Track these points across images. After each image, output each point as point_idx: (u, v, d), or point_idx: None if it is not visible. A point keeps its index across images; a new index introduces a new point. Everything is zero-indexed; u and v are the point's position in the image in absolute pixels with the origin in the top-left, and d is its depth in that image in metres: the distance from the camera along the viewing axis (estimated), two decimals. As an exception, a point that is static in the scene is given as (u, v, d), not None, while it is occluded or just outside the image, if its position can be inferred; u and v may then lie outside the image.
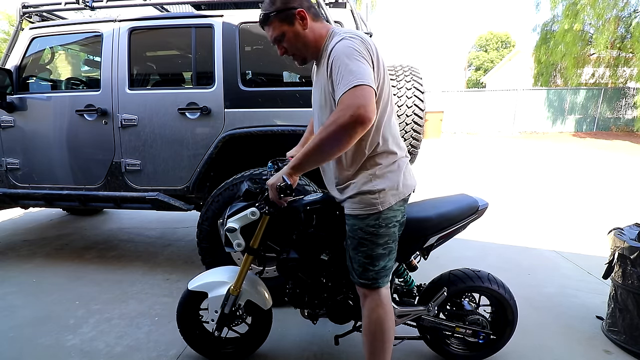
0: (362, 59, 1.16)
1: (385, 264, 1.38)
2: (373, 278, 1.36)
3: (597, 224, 3.92)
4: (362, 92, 1.10)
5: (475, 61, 43.14)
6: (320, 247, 1.51)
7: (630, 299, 1.84)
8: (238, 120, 2.45)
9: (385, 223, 1.34)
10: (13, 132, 2.71)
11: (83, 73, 4.11)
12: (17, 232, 3.66)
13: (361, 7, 17.38)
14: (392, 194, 1.33)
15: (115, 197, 2.64)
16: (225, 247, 1.53)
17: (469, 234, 3.61)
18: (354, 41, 1.19)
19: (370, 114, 1.10)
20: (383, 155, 1.32)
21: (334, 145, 1.16)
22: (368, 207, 1.32)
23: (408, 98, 2.66)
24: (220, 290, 1.59)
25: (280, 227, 1.52)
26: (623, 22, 13.32)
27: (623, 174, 6.97)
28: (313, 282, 1.56)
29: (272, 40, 1.33)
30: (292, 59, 1.37)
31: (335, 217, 1.48)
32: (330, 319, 1.63)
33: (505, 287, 1.67)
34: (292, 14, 1.26)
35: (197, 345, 1.76)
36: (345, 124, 1.10)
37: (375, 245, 1.35)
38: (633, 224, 2.03)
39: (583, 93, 14.43)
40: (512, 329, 1.70)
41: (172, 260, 2.99)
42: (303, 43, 1.30)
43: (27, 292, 2.46)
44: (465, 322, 1.65)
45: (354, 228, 1.36)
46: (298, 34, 1.28)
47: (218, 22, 2.44)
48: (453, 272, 1.68)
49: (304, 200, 1.52)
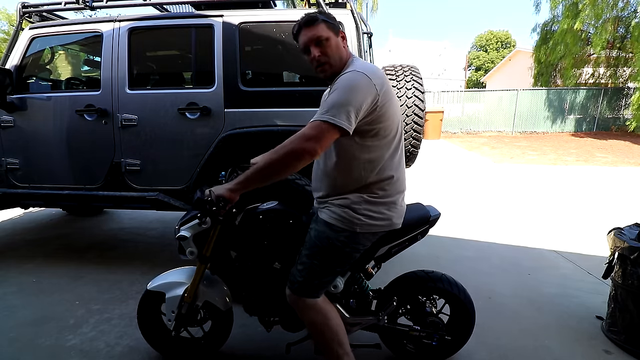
0: (354, 95, 1.21)
1: (332, 279, 1.41)
2: (315, 288, 1.38)
3: (597, 224, 3.92)
4: (323, 130, 1.20)
5: (476, 61, 43.17)
6: (272, 255, 1.53)
7: (630, 299, 1.84)
8: (238, 120, 2.45)
9: (353, 245, 1.37)
10: (13, 132, 2.71)
11: (83, 73, 4.12)
12: (17, 232, 3.66)
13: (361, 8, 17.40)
14: (375, 224, 1.36)
15: (115, 197, 2.64)
16: (179, 254, 1.53)
17: (469, 234, 3.62)
18: (359, 77, 1.24)
19: (317, 148, 1.20)
20: (383, 188, 1.35)
21: (281, 168, 1.23)
22: (346, 222, 1.34)
23: (408, 98, 2.66)
24: (177, 291, 1.59)
25: (235, 235, 1.53)
26: (623, 22, 13.31)
27: (623, 174, 6.97)
28: (266, 290, 1.56)
29: (314, 39, 1.32)
30: (319, 69, 1.37)
31: (289, 226, 1.50)
32: (282, 327, 1.63)
33: (460, 287, 1.65)
34: (338, 27, 1.37)
35: (158, 344, 1.76)
36: (295, 152, 1.21)
37: (334, 260, 1.37)
38: (633, 224, 2.03)
39: (583, 93, 14.40)
40: (469, 330, 1.68)
41: (172, 260, 2.97)
42: (339, 56, 1.35)
43: (27, 292, 2.46)
44: (422, 324, 1.64)
45: (322, 235, 1.37)
46: (339, 45, 1.35)
47: (218, 22, 2.44)
48: (406, 276, 1.67)
49: (258, 208, 1.53)
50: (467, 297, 1.66)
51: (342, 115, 1.19)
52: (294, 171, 1.24)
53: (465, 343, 1.71)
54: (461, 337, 1.70)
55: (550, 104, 14.54)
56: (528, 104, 14.50)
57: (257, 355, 1.84)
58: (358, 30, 2.39)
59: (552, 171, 7.27)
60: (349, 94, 1.21)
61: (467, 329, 1.68)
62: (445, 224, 3.87)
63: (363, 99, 1.22)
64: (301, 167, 1.23)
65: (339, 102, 1.21)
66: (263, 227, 1.51)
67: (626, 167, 7.62)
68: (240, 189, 1.27)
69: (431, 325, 1.63)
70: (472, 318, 1.67)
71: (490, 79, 28.57)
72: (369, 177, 1.33)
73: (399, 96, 2.66)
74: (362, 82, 1.23)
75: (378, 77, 1.27)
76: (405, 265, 2.00)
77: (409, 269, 1.73)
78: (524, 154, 9.48)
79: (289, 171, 1.24)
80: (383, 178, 1.34)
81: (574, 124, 14.57)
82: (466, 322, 1.67)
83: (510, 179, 6.50)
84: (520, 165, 8.01)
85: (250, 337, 1.94)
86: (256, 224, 1.51)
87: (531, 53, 16.87)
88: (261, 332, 1.95)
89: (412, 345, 1.72)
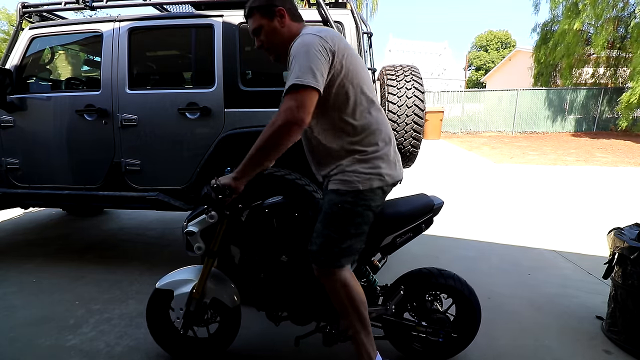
0: (312, 56, 1.21)
1: (352, 244, 1.39)
2: (337, 255, 1.37)
3: (597, 224, 3.92)
4: (298, 96, 1.20)
5: (476, 61, 43.18)
6: (279, 248, 1.54)
7: (630, 299, 1.84)
8: (238, 120, 2.45)
9: (362, 202, 1.37)
10: (13, 132, 2.71)
11: (83, 73, 4.12)
12: (17, 232, 3.66)
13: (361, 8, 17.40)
14: (374, 178, 1.37)
15: (115, 197, 2.64)
16: (186, 251, 1.54)
17: (469, 234, 3.62)
18: (309, 38, 1.26)
19: (303, 115, 1.20)
20: (366, 143, 1.37)
21: (272, 147, 1.25)
22: (349, 184, 1.36)
23: (408, 98, 2.66)
24: (186, 288, 1.60)
25: (241, 229, 1.54)
26: (623, 22, 13.31)
27: (623, 174, 6.97)
28: (274, 283, 1.57)
29: (251, 32, 1.42)
30: (267, 53, 1.44)
31: (295, 218, 1.52)
32: (291, 320, 1.63)
33: (467, 286, 1.66)
34: (272, 10, 1.36)
35: (166, 344, 1.76)
36: (281, 127, 1.21)
37: (347, 222, 1.37)
38: (633, 224, 2.03)
39: (583, 93, 14.41)
40: (475, 328, 1.69)
41: (172, 260, 2.98)
42: (279, 40, 1.38)
43: (27, 292, 2.46)
44: (429, 320, 1.65)
45: (331, 203, 1.38)
46: (275, 29, 1.37)
47: (218, 22, 2.44)
48: (413, 271, 1.68)
49: (264, 203, 1.55)
50: (475, 296, 1.67)
51: (309, 75, 1.20)
52: (287, 146, 1.25)
53: (471, 341, 1.71)
54: (467, 335, 1.70)
55: (550, 103, 14.54)
56: (528, 104, 14.51)
57: (262, 354, 1.84)
58: (358, 30, 2.39)
59: (552, 171, 7.27)
60: (304, 55, 1.22)
61: (474, 327, 1.69)
62: (445, 224, 3.87)
63: (320, 56, 1.23)
64: (293, 140, 1.24)
65: (302, 66, 1.21)
66: (269, 221, 1.52)
67: (626, 167, 7.62)
68: (241, 176, 1.30)
69: (438, 322, 1.64)
70: (478, 317, 1.67)
71: (490, 79, 28.58)
72: (351, 138, 1.36)
73: (399, 96, 2.66)
74: (312, 42, 1.24)
75: (328, 35, 1.29)
76: (406, 264, 2.00)
77: (408, 268, 1.73)
78: (524, 154, 9.48)
79: (282, 146, 1.25)
80: (365, 133, 1.36)
81: (574, 124, 14.57)
82: (472, 321, 1.68)
83: (510, 179, 6.50)
84: (520, 165, 8.01)
85: (256, 337, 1.94)
86: (262, 217, 1.52)
87: (531, 53, 16.89)
88: (265, 331, 1.96)
89: (419, 343, 1.72)
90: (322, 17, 2.33)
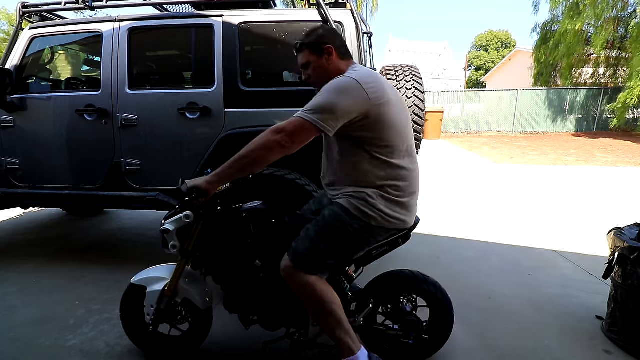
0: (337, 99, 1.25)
1: (336, 263, 1.41)
2: (318, 267, 1.37)
3: (597, 224, 3.92)
4: (299, 127, 1.25)
5: (476, 61, 43.18)
6: (254, 253, 1.54)
7: (630, 299, 1.84)
8: (238, 120, 2.45)
9: (365, 235, 1.39)
10: (13, 132, 2.71)
11: (83, 73, 4.11)
12: (17, 232, 3.66)
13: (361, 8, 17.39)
14: (390, 220, 1.38)
15: (115, 197, 2.64)
16: (162, 248, 1.54)
17: (469, 234, 3.62)
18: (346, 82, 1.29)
19: (291, 143, 1.25)
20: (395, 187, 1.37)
21: (253, 159, 1.27)
22: (363, 214, 1.36)
23: (408, 98, 2.66)
24: (158, 286, 1.60)
25: (217, 232, 1.54)
26: (623, 22, 13.31)
27: (623, 174, 6.97)
28: (246, 287, 1.57)
29: (300, 66, 1.50)
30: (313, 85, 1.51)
31: (271, 225, 1.52)
32: (261, 325, 1.62)
33: (438, 287, 1.65)
34: (321, 48, 1.43)
35: (137, 339, 1.76)
36: (267, 143, 1.25)
37: (342, 243, 1.39)
38: (633, 224, 2.03)
39: (583, 93, 14.41)
40: (447, 330, 1.67)
41: (171, 261, 2.98)
42: (325, 76, 1.43)
43: (27, 292, 2.46)
44: (400, 322, 1.63)
45: (337, 217, 1.38)
46: (322, 66, 1.44)
47: (218, 22, 2.44)
48: (386, 275, 1.66)
49: (242, 207, 1.56)
50: (447, 297, 1.65)
51: (323, 116, 1.23)
52: (266, 163, 1.28)
53: (444, 344, 1.70)
54: (440, 337, 1.68)
55: (550, 103, 14.54)
56: (528, 104, 14.51)
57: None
58: (358, 30, 2.39)
59: (552, 171, 7.27)
60: (334, 95, 1.26)
61: (446, 329, 1.67)
62: (445, 224, 3.87)
63: (350, 102, 1.25)
64: (273, 159, 1.27)
65: (322, 102, 1.26)
66: (246, 225, 1.53)
67: (626, 167, 7.62)
68: (216, 180, 1.31)
69: (409, 324, 1.63)
70: (451, 319, 1.66)
71: (490, 78, 28.58)
72: (382, 176, 1.36)
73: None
74: (350, 86, 1.27)
75: (372, 83, 1.30)
76: (407, 264, 1.99)
77: (408, 267, 1.73)
78: (524, 154, 9.48)
79: (262, 162, 1.28)
80: (396, 178, 1.37)
81: (574, 124, 14.57)
82: (445, 323, 1.67)
83: (510, 179, 6.50)
84: (520, 165, 8.02)
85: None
86: (239, 222, 1.53)
87: (531, 53, 16.89)
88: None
89: (389, 344, 1.70)
90: (322, 17, 2.33)
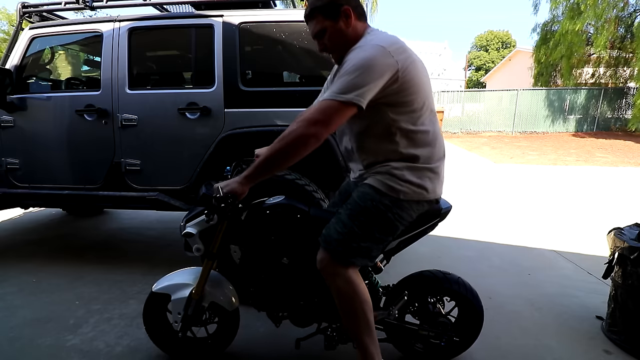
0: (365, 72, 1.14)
1: (371, 247, 1.32)
2: (353, 252, 1.29)
3: (597, 224, 3.92)
4: (333, 111, 1.15)
5: (476, 61, 43.18)
6: (280, 251, 1.51)
7: (630, 299, 1.84)
8: (238, 120, 2.44)
9: (396, 211, 1.30)
10: (13, 132, 2.71)
11: (83, 73, 4.11)
12: (17, 232, 3.66)
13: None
14: (418, 192, 1.31)
15: (115, 197, 2.63)
16: (185, 252, 1.52)
17: (469, 234, 3.62)
18: (371, 51, 1.17)
19: (324, 131, 1.15)
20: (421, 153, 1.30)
21: (287, 155, 1.19)
22: (391, 189, 1.29)
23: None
24: (183, 293, 1.57)
25: (242, 230, 1.51)
26: (623, 22, 13.31)
27: (623, 174, 6.97)
28: (275, 285, 1.55)
29: (313, 35, 1.33)
30: (330, 56, 1.37)
31: (296, 221, 1.47)
32: (292, 321, 1.61)
33: (471, 290, 1.65)
34: (338, 10, 1.26)
35: (165, 345, 1.75)
36: (299, 137, 1.16)
37: (375, 224, 1.30)
38: (633, 224, 2.03)
39: (583, 93, 14.41)
40: (477, 332, 1.68)
41: (172, 261, 2.98)
42: (344, 41, 1.28)
43: (27, 292, 2.45)
44: (431, 323, 1.64)
45: (366, 197, 1.30)
46: (340, 30, 1.28)
47: (218, 22, 2.44)
48: (416, 274, 1.66)
49: (265, 203, 1.50)
50: (478, 299, 1.66)
51: (355, 92, 1.13)
52: (301, 157, 1.19)
53: (472, 344, 1.71)
54: (469, 338, 1.70)
55: (550, 104, 14.54)
56: (528, 104, 14.51)
57: (263, 355, 1.83)
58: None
59: (552, 171, 7.27)
60: (364, 68, 1.14)
61: (476, 331, 1.69)
62: (445, 224, 3.86)
63: (380, 70, 1.14)
64: (308, 152, 1.18)
65: (347, 81, 1.14)
66: (270, 223, 1.48)
67: (626, 167, 7.63)
68: (248, 182, 1.24)
69: (440, 326, 1.62)
70: (481, 320, 1.67)
71: (490, 79, 28.57)
72: (406, 144, 1.28)
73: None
74: (377, 54, 1.15)
75: (396, 45, 1.19)
76: (407, 264, 2.00)
77: (410, 267, 1.73)
78: (524, 154, 9.49)
79: (296, 157, 1.19)
80: (422, 142, 1.29)
81: (574, 124, 14.57)
82: (475, 324, 1.67)
83: (510, 179, 6.50)
84: (520, 165, 8.02)
85: (255, 337, 1.94)
86: (263, 219, 1.48)
87: (531, 53, 16.88)
88: (266, 332, 1.96)
89: (421, 344, 1.72)
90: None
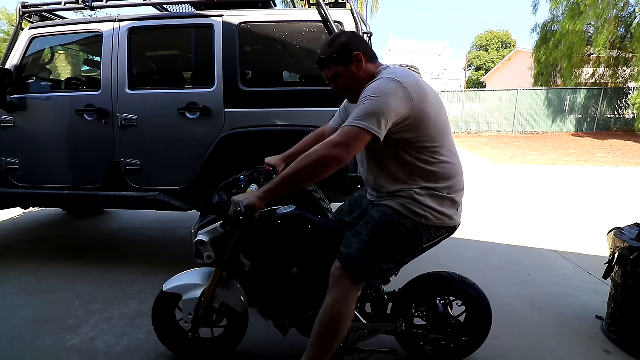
0: (382, 103, 1.20)
1: (391, 268, 1.37)
2: (376, 273, 1.34)
3: (597, 224, 3.92)
4: (352, 136, 1.20)
5: (476, 61, 43.18)
6: (290, 261, 1.50)
7: (630, 299, 1.84)
8: (238, 120, 2.45)
9: (417, 235, 1.34)
10: (13, 132, 2.71)
11: (83, 73, 4.12)
12: (17, 232, 3.66)
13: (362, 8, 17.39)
14: (440, 218, 1.34)
15: (115, 197, 2.63)
16: (196, 259, 1.52)
17: (469, 234, 3.62)
18: (387, 85, 1.23)
19: (346, 155, 1.20)
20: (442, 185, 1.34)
21: (309, 175, 1.24)
22: (413, 213, 1.33)
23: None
24: (194, 293, 1.58)
25: (252, 239, 1.51)
26: (623, 22, 13.31)
27: (623, 174, 6.97)
28: (284, 295, 1.54)
29: (327, 80, 1.41)
30: (344, 96, 1.46)
31: (308, 231, 1.47)
32: (299, 331, 1.61)
33: (479, 290, 1.65)
34: (348, 56, 1.33)
35: (173, 345, 1.75)
36: (323, 159, 1.21)
37: (397, 246, 1.34)
38: (633, 224, 2.03)
39: (583, 93, 14.40)
40: (486, 332, 1.69)
41: (172, 261, 2.98)
42: (358, 84, 1.35)
43: (27, 292, 2.45)
44: (440, 325, 1.63)
45: (388, 219, 1.34)
46: (353, 74, 1.35)
47: (218, 22, 2.44)
48: (425, 277, 1.66)
49: (276, 213, 1.50)
50: (486, 300, 1.66)
51: (372, 120, 1.18)
52: (322, 178, 1.23)
53: (482, 343, 1.71)
54: (479, 338, 1.70)
55: (550, 104, 14.53)
56: (528, 104, 14.50)
57: (263, 355, 1.84)
58: (358, 30, 2.38)
59: (552, 171, 7.27)
60: (381, 99, 1.20)
61: (485, 331, 1.69)
62: (445, 224, 3.86)
63: (397, 103, 1.20)
64: (330, 174, 1.23)
65: (371, 108, 1.20)
66: (281, 233, 1.48)
67: (626, 167, 7.63)
68: (269, 197, 1.27)
69: (449, 327, 1.63)
70: (490, 320, 1.67)
71: (490, 79, 28.57)
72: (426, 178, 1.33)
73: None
74: (393, 88, 1.22)
75: (411, 81, 1.25)
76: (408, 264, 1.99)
77: (410, 267, 1.73)
78: (524, 154, 9.49)
79: (317, 178, 1.24)
80: (441, 178, 1.34)
81: (574, 124, 14.56)
82: (484, 324, 1.68)
83: (510, 179, 6.50)
84: (520, 165, 8.02)
85: (255, 337, 1.93)
86: (274, 229, 1.48)
87: (531, 53, 16.87)
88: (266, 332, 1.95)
89: (430, 346, 1.72)
90: (322, 17, 2.34)
